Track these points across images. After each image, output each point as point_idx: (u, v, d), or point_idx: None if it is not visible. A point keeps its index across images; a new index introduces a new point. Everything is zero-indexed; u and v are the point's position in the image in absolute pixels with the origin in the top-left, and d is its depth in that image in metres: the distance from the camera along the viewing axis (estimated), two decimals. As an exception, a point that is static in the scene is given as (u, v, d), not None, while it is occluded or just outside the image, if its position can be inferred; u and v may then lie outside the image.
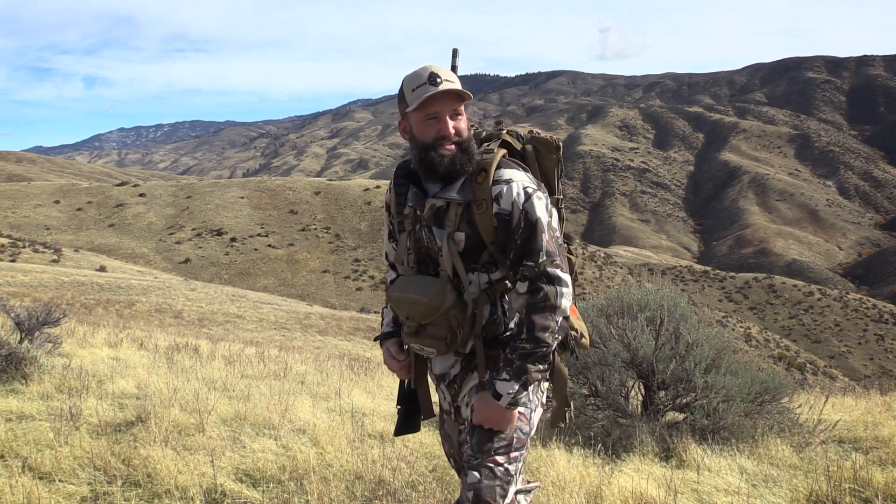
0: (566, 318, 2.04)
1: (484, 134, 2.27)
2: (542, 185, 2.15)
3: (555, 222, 2.11)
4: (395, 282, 2.23)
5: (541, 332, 1.99)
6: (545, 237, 2.03)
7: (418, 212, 2.15)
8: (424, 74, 2.07)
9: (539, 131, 2.28)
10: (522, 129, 2.30)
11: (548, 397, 2.25)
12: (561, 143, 2.26)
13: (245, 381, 6.23)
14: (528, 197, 2.04)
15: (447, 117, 2.08)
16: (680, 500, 3.29)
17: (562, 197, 2.28)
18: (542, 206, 2.05)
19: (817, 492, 3.35)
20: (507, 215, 2.04)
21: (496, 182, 2.06)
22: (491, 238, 2.06)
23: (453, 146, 2.08)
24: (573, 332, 2.21)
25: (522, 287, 2.04)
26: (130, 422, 4.19)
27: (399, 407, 2.30)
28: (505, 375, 2.01)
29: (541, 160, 2.25)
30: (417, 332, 2.12)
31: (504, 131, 2.26)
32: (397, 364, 2.27)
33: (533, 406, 2.14)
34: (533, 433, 2.16)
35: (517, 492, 2.40)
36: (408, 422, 2.31)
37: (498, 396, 2.01)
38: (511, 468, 2.05)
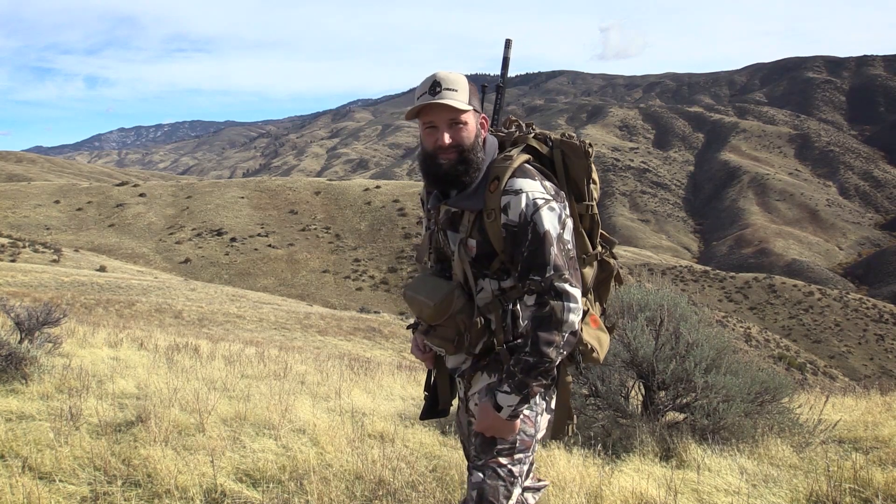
0: (573, 333, 2.02)
1: (516, 135, 2.22)
2: (562, 194, 2.10)
3: (567, 234, 2.06)
4: (412, 280, 2.26)
5: (545, 347, 1.97)
6: (553, 250, 1.99)
7: (436, 214, 2.19)
8: (429, 82, 2.06)
9: (572, 135, 2.21)
10: (555, 133, 2.24)
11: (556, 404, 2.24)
12: (591, 149, 2.19)
13: (245, 381, 6.22)
14: (536, 208, 2.00)
15: (444, 127, 2.07)
16: (680, 500, 3.29)
17: (592, 203, 2.21)
18: (551, 218, 2.01)
19: (817, 492, 3.35)
20: (514, 227, 2.02)
21: (506, 192, 2.03)
22: (501, 247, 2.05)
23: (452, 155, 2.07)
24: (582, 346, 2.17)
25: (530, 300, 2.03)
26: (130, 422, 4.19)
27: (426, 393, 2.36)
28: (506, 388, 2.01)
29: (569, 166, 2.18)
30: (428, 331, 2.19)
31: (532, 135, 2.21)
32: (422, 354, 2.33)
33: (539, 409, 2.15)
34: (540, 436, 2.17)
35: (525, 489, 2.42)
36: (433, 408, 2.35)
37: (499, 408, 2.03)
38: (515, 469, 2.07)
